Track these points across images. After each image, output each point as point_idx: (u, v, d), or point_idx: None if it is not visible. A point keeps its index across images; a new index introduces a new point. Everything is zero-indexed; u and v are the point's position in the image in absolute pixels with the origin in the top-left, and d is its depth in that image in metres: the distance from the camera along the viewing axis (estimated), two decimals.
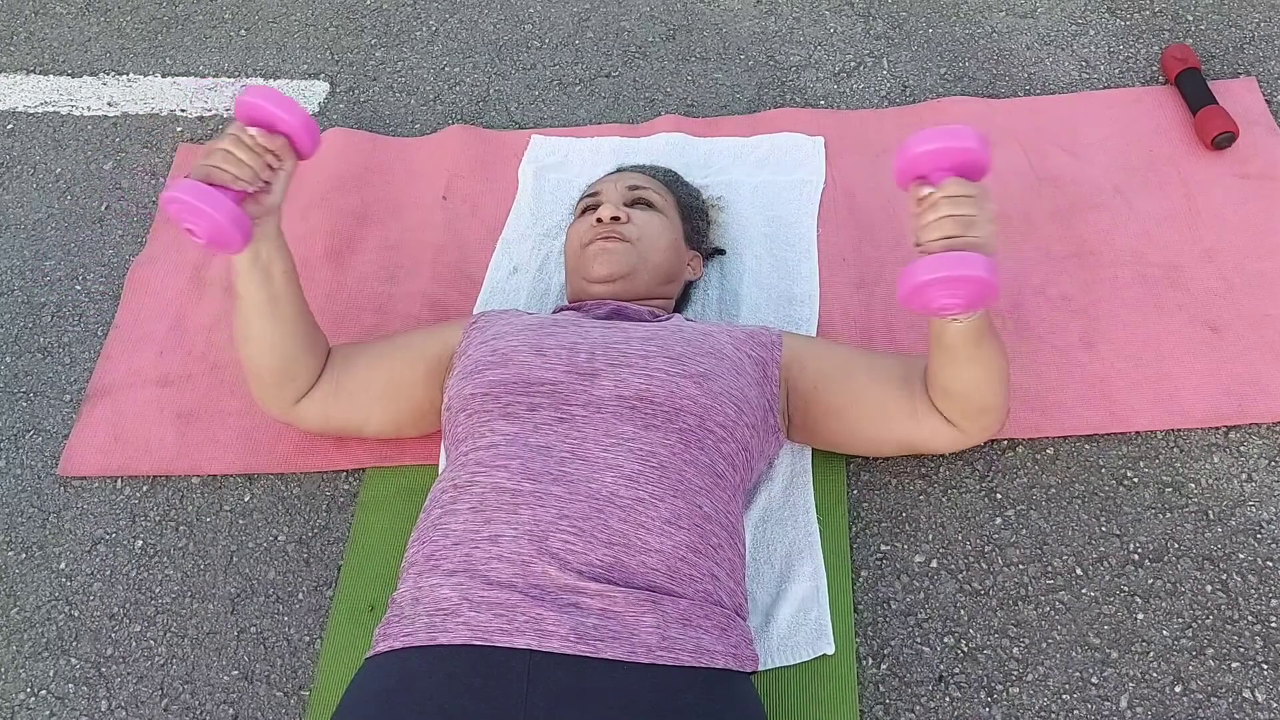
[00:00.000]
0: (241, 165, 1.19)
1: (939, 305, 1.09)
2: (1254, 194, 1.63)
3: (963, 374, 1.21)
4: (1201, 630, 1.25)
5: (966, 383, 1.22)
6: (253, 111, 1.21)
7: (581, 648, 1.00)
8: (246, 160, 1.19)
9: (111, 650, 1.35)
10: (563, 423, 1.16)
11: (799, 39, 2.01)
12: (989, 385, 1.23)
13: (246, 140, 1.20)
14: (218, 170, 1.18)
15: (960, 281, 1.06)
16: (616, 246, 1.38)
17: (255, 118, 1.21)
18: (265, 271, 1.28)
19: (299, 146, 1.24)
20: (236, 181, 1.19)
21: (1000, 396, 1.25)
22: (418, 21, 2.13)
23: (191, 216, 1.16)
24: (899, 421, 1.29)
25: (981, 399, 1.24)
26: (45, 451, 1.54)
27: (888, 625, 1.29)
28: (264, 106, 1.20)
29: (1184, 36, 1.90)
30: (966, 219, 1.07)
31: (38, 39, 2.17)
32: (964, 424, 1.27)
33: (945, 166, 1.10)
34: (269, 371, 1.34)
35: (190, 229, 1.18)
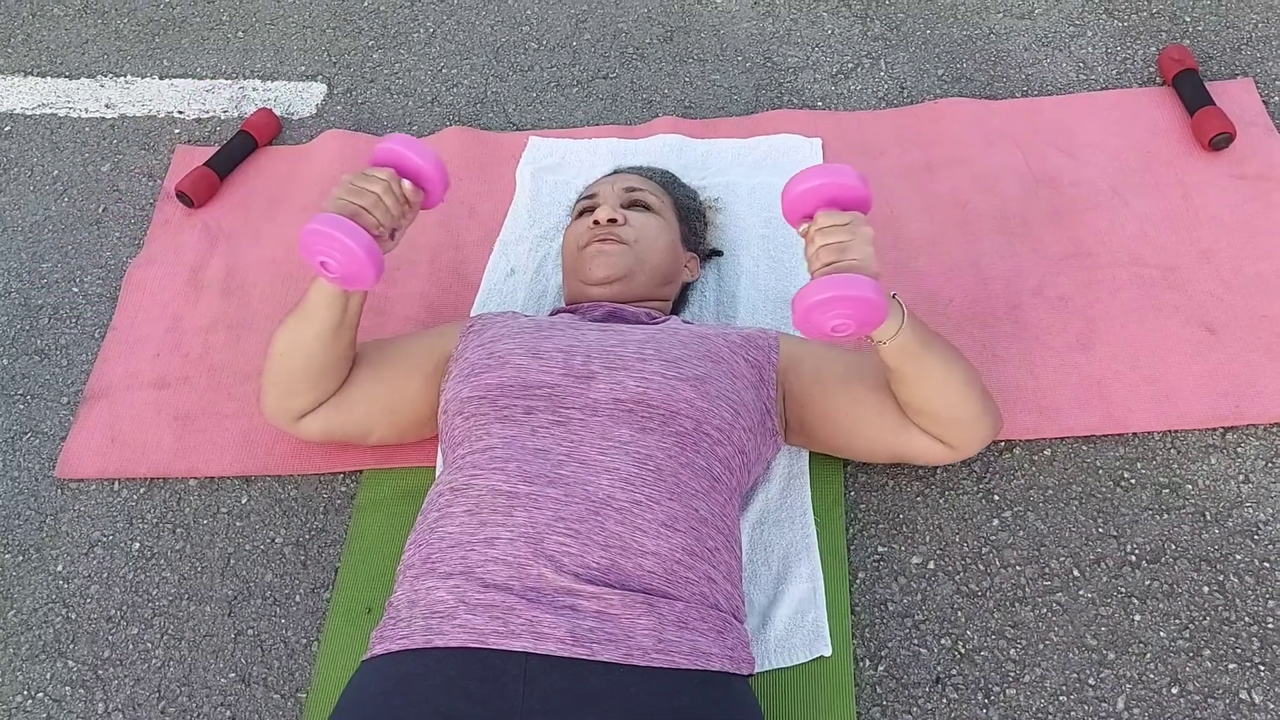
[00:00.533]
0: (388, 213, 1.22)
1: (831, 326, 1.12)
2: (1251, 195, 1.64)
3: (917, 389, 1.22)
4: (1199, 631, 1.25)
5: (925, 398, 1.22)
6: (399, 159, 1.24)
7: (578, 650, 1.00)
8: (393, 209, 1.22)
9: (109, 652, 1.35)
10: (559, 426, 1.16)
11: (796, 40, 2.01)
12: (948, 396, 1.22)
13: (396, 190, 1.23)
14: (365, 213, 1.20)
15: (842, 301, 1.09)
16: (614, 248, 1.38)
17: (404, 168, 1.25)
18: (345, 302, 1.28)
19: (432, 196, 1.29)
20: (378, 227, 1.21)
21: (968, 406, 1.24)
22: (415, 23, 2.13)
23: (334, 250, 1.18)
24: (892, 433, 1.28)
25: (948, 410, 1.23)
26: (42, 454, 1.54)
27: (885, 627, 1.29)
28: (406, 156, 1.24)
29: (1181, 37, 1.91)
30: (840, 245, 1.12)
31: (35, 41, 2.17)
32: (947, 438, 1.26)
33: (823, 201, 1.16)
34: (298, 381, 1.32)
35: (324, 262, 1.20)
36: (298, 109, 1.99)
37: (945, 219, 1.67)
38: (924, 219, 1.68)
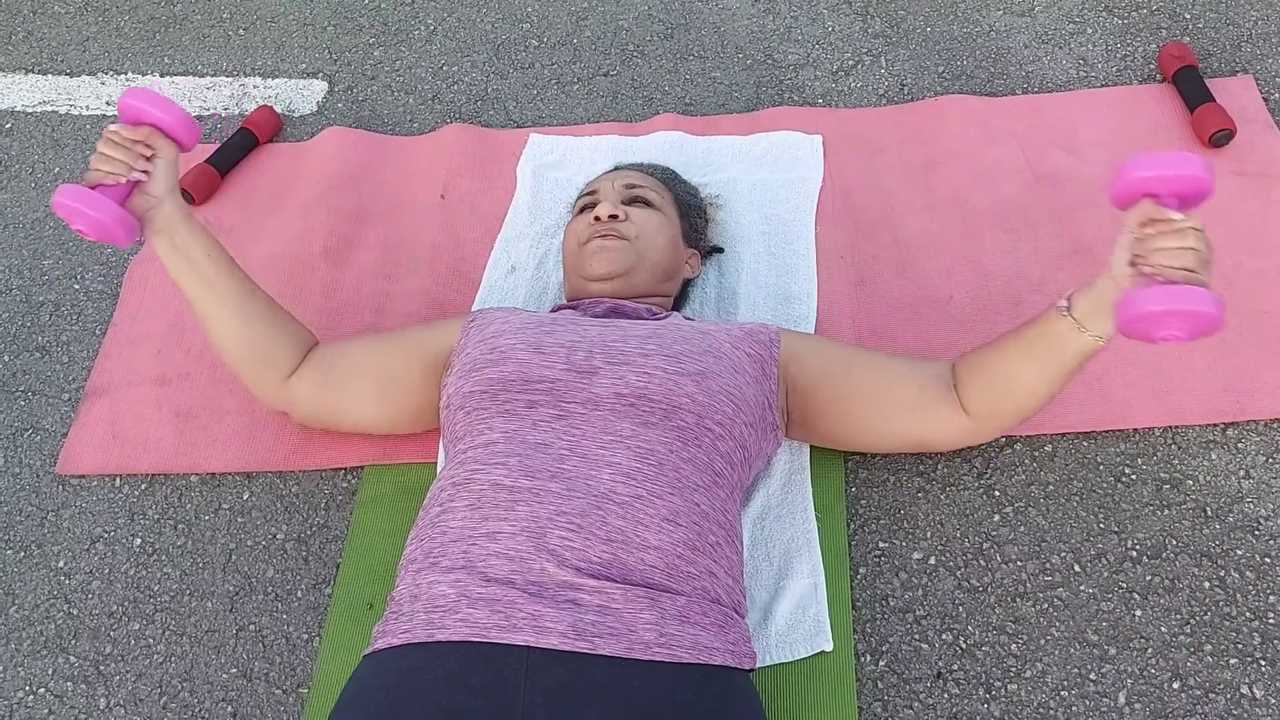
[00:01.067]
0: (112, 161, 1.24)
1: (1163, 335, 1.04)
2: (1252, 191, 1.64)
3: (1042, 382, 1.20)
4: (1199, 627, 1.25)
5: (1034, 390, 1.22)
6: (126, 111, 1.28)
7: (579, 644, 1.00)
8: (116, 155, 1.24)
9: (110, 648, 1.35)
10: (561, 420, 1.16)
11: (797, 38, 2.01)
12: (1044, 400, 1.24)
13: (114, 137, 1.25)
14: (94, 171, 1.24)
15: (1199, 319, 1.02)
16: (615, 244, 1.38)
17: (128, 116, 1.28)
18: (186, 257, 1.32)
19: (172, 135, 1.29)
20: (110, 176, 1.24)
21: (1038, 409, 1.26)
22: (416, 20, 2.13)
23: (73, 217, 1.22)
24: (901, 414, 1.29)
25: (1030, 406, 1.25)
26: (44, 450, 1.54)
27: (886, 622, 1.29)
28: (134, 105, 1.27)
29: (1181, 34, 1.91)
30: (1205, 257, 1.04)
31: (36, 38, 2.17)
32: (985, 421, 1.27)
33: (1179, 193, 1.06)
34: (239, 352, 1.36)
35: (80, 229, 1.24)
36: (299, 106, 1.99)
37: (946, 216, 1.67)
38: (925, 216, 1.68)
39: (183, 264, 1.32)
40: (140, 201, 1.28)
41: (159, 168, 1.28)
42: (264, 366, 1.37)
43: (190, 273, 1.33)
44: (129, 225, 1.24)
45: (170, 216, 1.30)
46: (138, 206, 1.28)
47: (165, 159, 1.28)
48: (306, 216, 1.77)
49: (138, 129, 1.26)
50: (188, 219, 1.32)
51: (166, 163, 1.29)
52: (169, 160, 1.29)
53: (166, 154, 1.29)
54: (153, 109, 1.26)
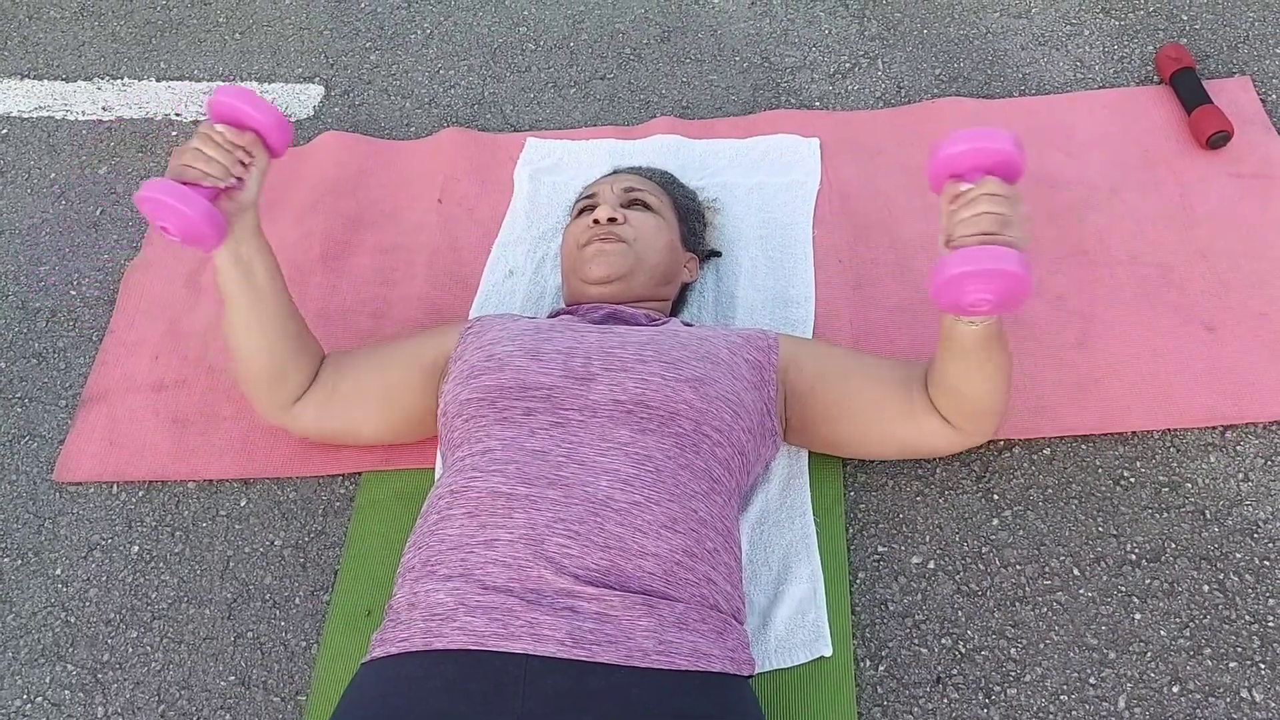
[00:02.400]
0: (211, 162, 1.21)
1: (971, 300, 1.07)
2: (1249, 193, 1.64)
3: (972, 377, 1.21)
4: (1199, 630, 1.25)
5: (974, 385, 1.22)
6: (223, 110, 1.23)
7: (578, 652, 1.00)
8: (216, 156, 1.21)
9: (108, 656, 1.34)
10: (559, 427, 1.16)
11: (793, 40, 2.01)
12: (995, 389, 1.23)
13: (216, 137, 1.22)
14: (189, 168, 1.20)
15: (995, 276, 1.04)
16: (613, 248, 1.38)
17: (226, 115, 1.23)
18: (247, 269, 1.29)
19: (270, 143, 1.26)
20: (207, 178, 1.20)
21: (1003, 401, 1.26)
22: (412, 24, 2.13)
23: (164, 214, 1.17)
24: (897, 422, 1.29)
25: (987, 402, 1.24)
26: (41, 457, 1.54)
27: (885, 627, 1.29)
28: (234, 104, 1.22)
29: (1178, 36, 1.91)
30: (1003, 218, 1.07)
31: (32, 44, 2.16)
32: (963, 425, 1.27)
33: (981, 166, 1.09)
34: (260, 371, 1.34)
35: (165, 227, 1.20)
36: (295, 110, 1.99)
37: None
38: (922, 219, 1.67)
39: (241, 275, 1.29)
40: (225, 206, 1.24)
41: (253, 176, 1.26)
42: (278, 387, 1.35)
43: (245, 285, 1.29)
44: (220, 227, 1.21)
45: (247, 227, 1.28)
46: (228, 211, 1.25)
47: (259, 167, 1.26)
48: (303, 222, 1.77)
49: (243, 134, 1.23)
50: (259, 232, 1.30)
51: (260, 171, 1.27)
52: (262, 169, 1.27)
53: (261, 163, 1.27)
54: (254, 111, 1.22)
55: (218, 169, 1.21)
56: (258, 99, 1.23)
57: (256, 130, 1.24)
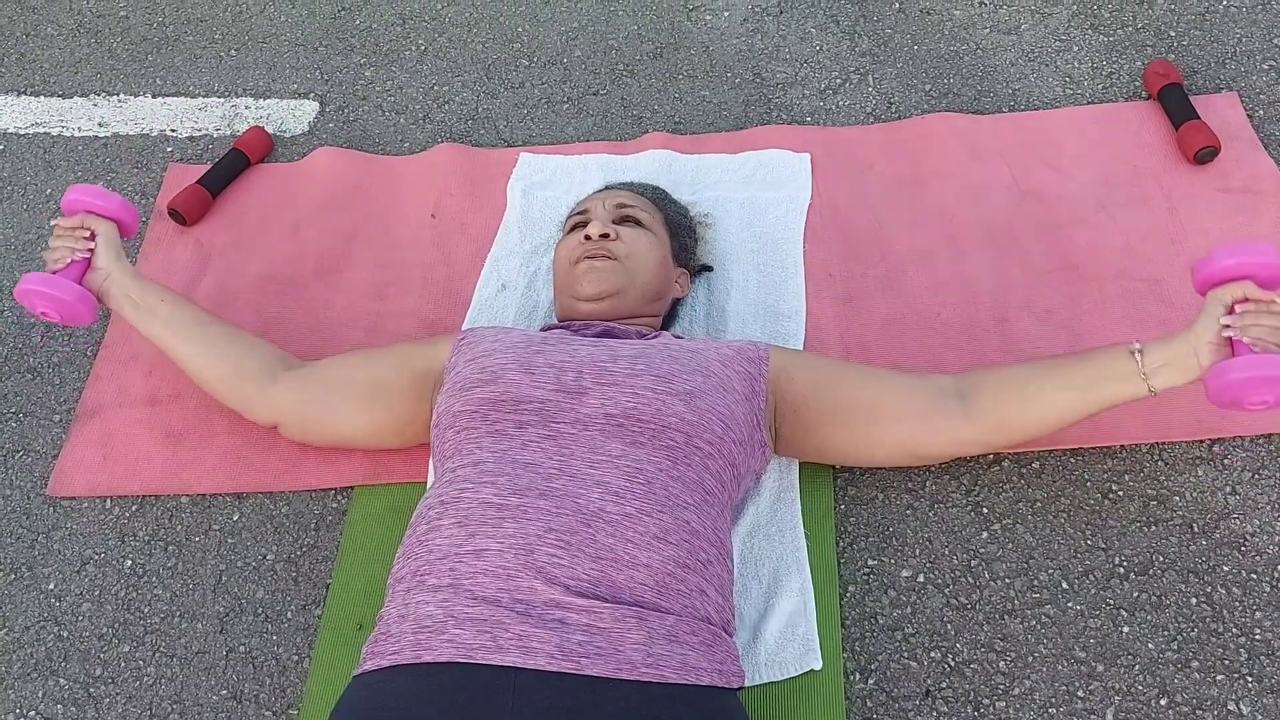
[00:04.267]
0: (57, 249, 1.44)
1: (1254, 400, 1.14)
2: (1236, 208, 1.65)
3: (1069, 412, 1.24)
4: (1187, 643, 1.26)
5: (1057, 418, 1.25)
6: (66, 207, 1.49)
7: (566, 665, 1.00)
8: (60, 243, 1.45)
9: (100, 670, 1.35)
10: (550, 440, 1.16)
11: (785, 57, 2.02)
12: (1052, 428, 1.27)
13: (56, 230, 1.46)
14: (48, 260, 1.45)
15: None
16: (605, 265, 1.39)
17: (67, 210, 1.49)
18: (148, 309, 1.45)
19: (105, 215, 1.48)
20: (59, 261, 1.43)
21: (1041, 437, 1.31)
22: (407, 41, 2.15)
23: (38, 302, 1.41)
24: (893, 423, 1.29)
25: (1038, 432, 1.28)
26: (34, 472, 1.54)
27: (875, 640, 1.29)
28: (70, 198, 1.47)
29: (1166, 52, 1.92)
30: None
31: (29, 60, 2.18)
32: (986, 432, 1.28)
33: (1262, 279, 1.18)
34: (215, 378, 1.43)
35: (44, 312, 1.43)
36: (290, 126, 2.00)
37: (933, 233, 1.68)
38: (912, 233, 1.69)
39: (146, 316, 1.44)
40: (93, 277, 1.45)
41: (100, 244, 1.46)
42: (240, 380, 1.41)
43: (154, 321, 1.44)
44: (88, 300, 1.42)
45: (121, 280, 1.45)
46: (93, 283, 1.45)
47: (104, 235, 1.46)
48: (298, 236, 1.78)
49: (74, 217, 1.46)
50: (136, 276, 1.46)
51: (105, 238, 1.46)
52: (107, 235, 1.46)
53: (104, 230, 1.46)
54: (88, 198, 1.47)
55: (63, 251, 1.44)
56: (94, 189, 1.47)
57: (89, 210, 1.47)
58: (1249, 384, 1.12)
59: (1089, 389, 1.22)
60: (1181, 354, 1.19)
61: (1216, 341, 1.17)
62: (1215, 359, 1.17)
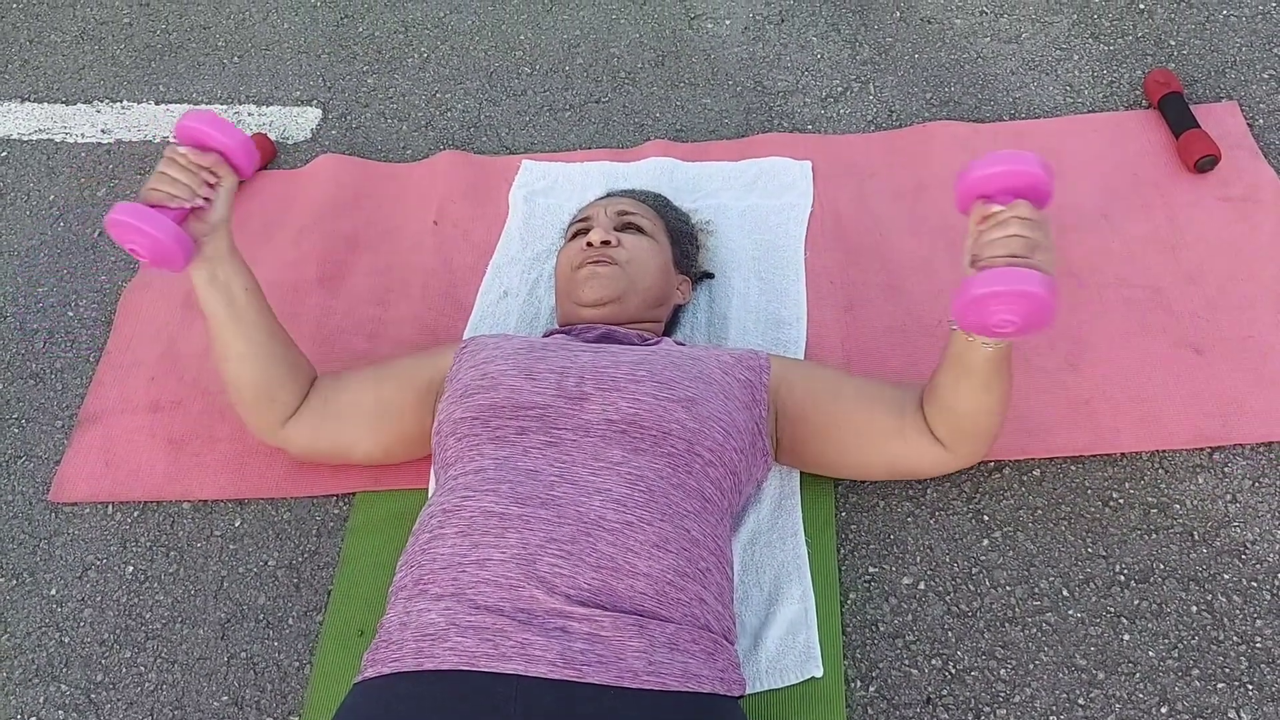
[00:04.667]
0: (176, 183, 1.24)
1: (995, 322, 1.07)
2: (1236, 216, 1.65)
3: (976, 398, 1.22)
4: (1187, 651, 1.26)
5: (975, 406, 1.23)
6: (188, 133, 1.27)
7: (568, 672, 1.01)
8: (180, 178, 1.24)
9: (101, 676, 1.35)
10: (551, 446, 1.17)
11: (786, 65, 2.03)
12: (994, 412, 1.24)
13: (179, 160, 1.24)
14: (154, 191, 1.24)
15: (1021, 298, 1.04)
16: (606, 270, 1.40)
17: (191, 138, 1.27)
18: (225, 290, 1.32)
19: (235, 163, 1.28)
20: (173, 199, 1.23)
21: (999, 424, 1.27)
22: (409, 48, 2.15)
23: (132, 236, 1.21)
24: (886, 442, 1.30)
25: (985, 424, 1.25)
26: (36, 477, 1.54)
27: (876, 647, 1.29)
28: (197, 127, 1.26)
29: (1167, 61, 1.93)
30: (1032, 241, 1.07)
31: (32, 67, 2.18)
32: (956, 445, 1.28)
33: (1011, 189, 1.10)
34: (249, 390, 1.36)
35: (134, 249, 1.23)
36: (293, 133, 2.00)
37: (934, 241, 1.69)
38: (913, 241, 1.69)
39: (220, 296, 1.32)
40: (196, 228, 1.27)
41: (220, 196, 1.28)
42: (270, 406, 1.37)
43: (225, 306, 1.32)
44: (188, 247, 1.24)
45: (220, 247, 1.30)
46: (192, 233, 1.27)
47: (226, 187, 1.29)
48: (300, 243, 1.79)
49: (206, 154, 1.26)
50: (234, 252, 1.33)
51: (227, 191, 1.29)
52: (229, 189, 1.29)
53: (229, 183, 1.29)
54: (217, 133, 1.25)
55: (182, 190, 1.24)
56: (222, 122, 1.27)
57: (221, 151, 1.27)
58: (974, 305, 1.05)
59: (959, 371, 1.20)
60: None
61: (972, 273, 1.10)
62: None
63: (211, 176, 1.27)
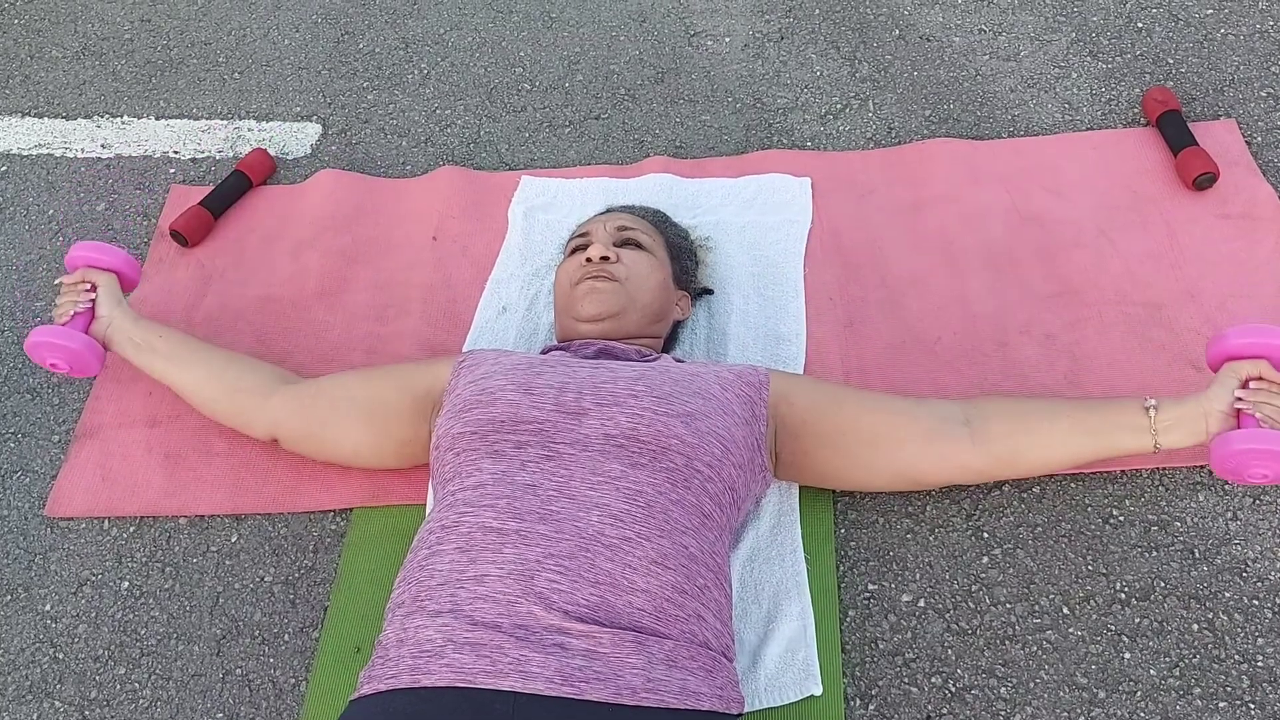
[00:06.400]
0: (61, 305, 1.51)
1: (1253, 471, 1.19)
2: (1235, 234, 1.65)
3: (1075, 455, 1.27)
4: (1188, 670, 1.25)
5: (1063, 458, 1.28)
6: (69, 264, 1.54)
7: (566, 689, 1.00)
8: (65, 298, 1.51)
9: (96, 693, 1.34)
10: (549, 461, 1.16)
11: (785, 82, 2.03)
12: (1056, 468, 1.30)
13: (60, 287, 1.54)
14: (54, 318, 1.51)
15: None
16: (605, 286, 1.39)
17: (70, 265, 1.54)
18: (149, 347, 1.49)
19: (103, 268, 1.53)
20: (64, 315, 1.49)
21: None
22: (409, 65, 2.16)
23: (49, 354, 1.47)
24: (894, 447, 1.29)
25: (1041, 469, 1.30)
26: (33, 492, 1.54)
27: (875, 665, 1.28)
28: (74, 255, 1.53)
29: (1165, 79, 1.93)
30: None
31: (33, 82, 2.19)
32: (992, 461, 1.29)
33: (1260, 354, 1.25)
34: (216, 399, 1.45)
35: (54, 363, 1.49)
36: (292, 149, 2.01)
37: (933, 257, 1.69)
38: (912, 257, 1.69)
39: (147, 354, 1.49)
40: (96, 326, 1.51)
41: (101, 294, 1.51)
42: (238, 395, 1.44)
43: (154, 357, 1.48)
44: (94, 349, 1.48)
45: (122, 324, 1.50)
46: (97, 331, 1.50)
47: (104, 285, 1.52)
48: (299, 258, 1.78)
49: (75, 273, 1.52)
50: (136, 319, 1.51)
51: (106, 288, 1.52)
52: (107, 286, 1.52)
53: (104, 281, 1.52)
54: (87, 253, 1.52)
55: (67, 305, 1.50)
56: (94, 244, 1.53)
57: (89, 264, 1.53)
58: (1252, 455, 1.18)
59: (1098, 435, 1.26)
60: (1193, 416, 1.24)
61: (1227, 411, 1.22)
62: (1223, 428, 1.22)
63: (86, 285, 1.51)
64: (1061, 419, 1.27)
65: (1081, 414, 1.27)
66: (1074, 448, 1.27)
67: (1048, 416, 1.28)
